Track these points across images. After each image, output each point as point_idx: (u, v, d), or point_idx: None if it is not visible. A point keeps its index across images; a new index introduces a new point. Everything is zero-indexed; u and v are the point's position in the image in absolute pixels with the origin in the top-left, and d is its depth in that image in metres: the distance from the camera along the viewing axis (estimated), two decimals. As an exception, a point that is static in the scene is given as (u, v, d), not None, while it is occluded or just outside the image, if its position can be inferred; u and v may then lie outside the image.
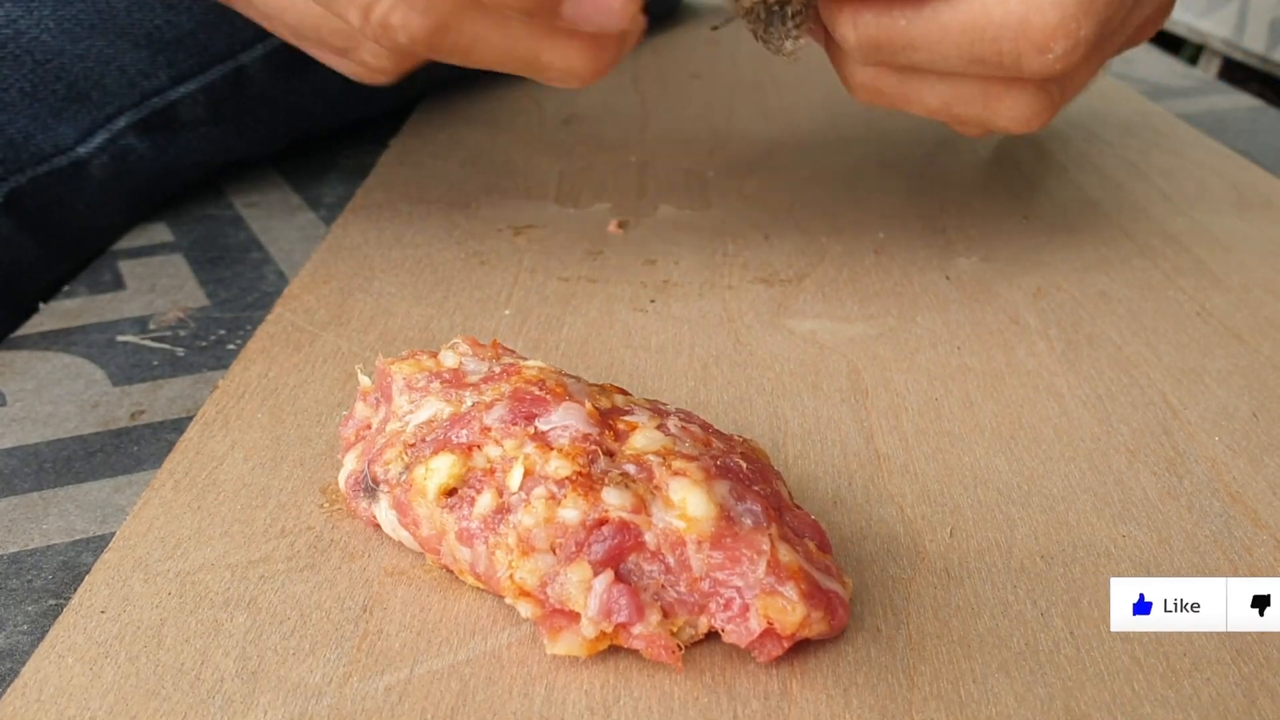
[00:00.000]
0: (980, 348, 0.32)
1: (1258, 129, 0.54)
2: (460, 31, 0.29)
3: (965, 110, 0.31)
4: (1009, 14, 0.27)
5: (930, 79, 0.31)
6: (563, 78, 0.31)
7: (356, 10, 0.28)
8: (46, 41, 0.38)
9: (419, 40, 0.29)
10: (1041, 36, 0.27)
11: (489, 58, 0.30)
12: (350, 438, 0.25)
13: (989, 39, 0.28)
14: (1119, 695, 0.20)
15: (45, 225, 0.40)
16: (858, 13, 0.29)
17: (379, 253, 0.37)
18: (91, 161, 0.40)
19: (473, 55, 0.30)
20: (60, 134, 0.39)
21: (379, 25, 0.28)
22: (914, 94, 0.31)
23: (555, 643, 0.20)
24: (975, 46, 0.28)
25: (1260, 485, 0.26)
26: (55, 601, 0.23)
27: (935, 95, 0.31)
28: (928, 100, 0.31)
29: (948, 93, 0.31)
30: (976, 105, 0.31)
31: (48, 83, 0.38)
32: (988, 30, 0.28)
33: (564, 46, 0.30)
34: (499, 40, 0.29)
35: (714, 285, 0.36)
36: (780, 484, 0.23)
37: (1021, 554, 0.24)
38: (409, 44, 0.29)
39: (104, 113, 0.40)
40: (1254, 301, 0.35)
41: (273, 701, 0.20)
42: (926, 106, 0.32)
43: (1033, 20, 0.27)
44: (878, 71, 0.31)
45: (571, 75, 0.31)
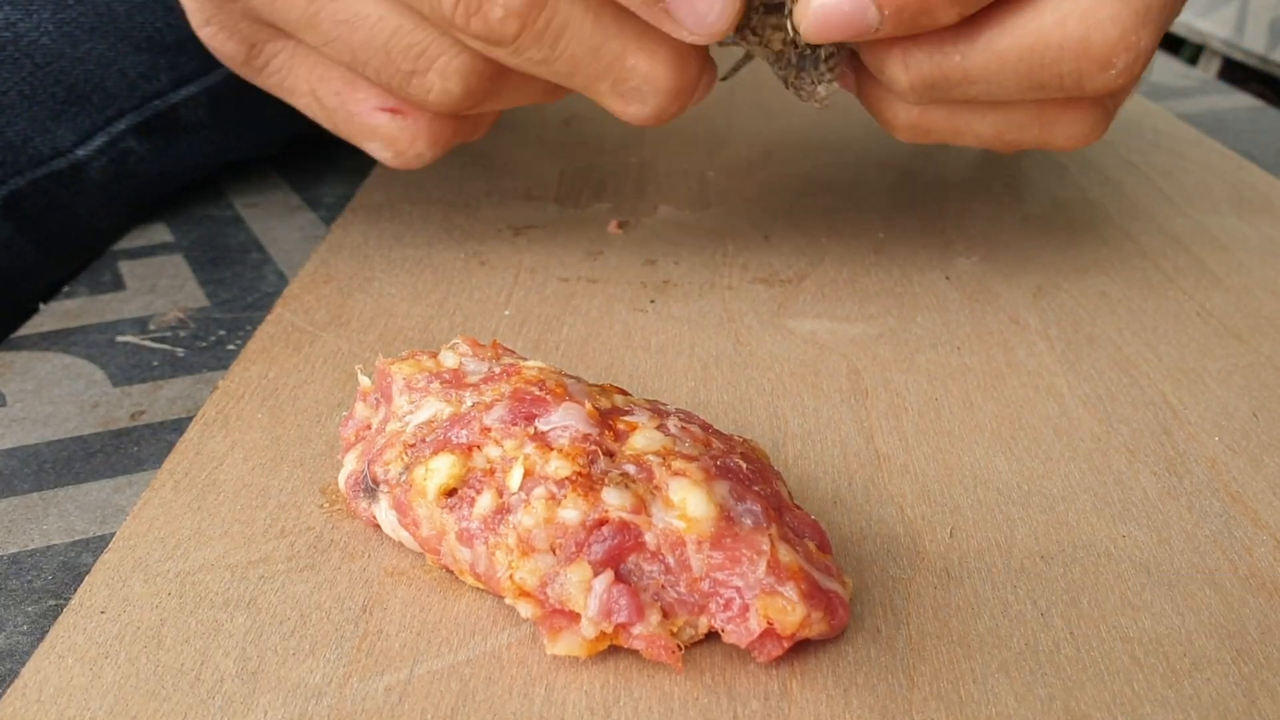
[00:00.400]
0: (980, 348, 0.32)
1: (1257, 129, 0.54)
2: (555, 10, 0.28)
3: (1019, 136, 0.31)
4: (1068, 35, 0.27)
5: (981, 109, 0.30)
6: (640, 92, 0.30)
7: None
8: (46, 44, 0.38)
9: (514, 13, 0.28)
10: (1103, 53, 0.27)
11: (575, 51, 0.29)
12: (350, 438, 0.25)
13: (1049, 63, 0.27)
14: (1119, 695, 0.20)
15: (44, 228, 0.40)
16: (908, 53, 0.28)
17: (379, 253, 0.37)
18: (91, 164, 0.40)
19: (559, 47, 0.29)
20: (59, 137, 0.39)
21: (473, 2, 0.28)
22: (965, 126, 0.31)
23: (555, 643, 0.20)
24: (1034, 72, 0.28)
25: (1260, 485, 0.26)
26: (55, 602, 0.23)
27: (987, 125, 0.31)
28: (980, 131, 0.31)
29: (1000, 121, 0.30)
30: (1032, 129, 0.30)
31: (47, 85, 0.38)
32: (1047, 54, 0.27)
33: (653, 50, 0.29)
34: (590, 30, 0.29)
35: (714, 285, 0.36)
36: (780, 484, 0.23)
37: (1021, 554, 0.24)
38: (502, 20, 0.28)
39: (104, 115, 0.40)
40: (1254, 301, 0.35)
41: (273, 702, 0.20)
42: (979, 137, 0.31)
43: (1093, 38, 0.27)
44: (924, 110, 0.31)
45: (651, 91, 0.30)
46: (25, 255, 0.39)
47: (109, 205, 0.41)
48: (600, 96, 0.31)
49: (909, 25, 0.27)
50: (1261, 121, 0.55)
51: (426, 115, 0.33)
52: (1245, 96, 0.60)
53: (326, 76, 0.33)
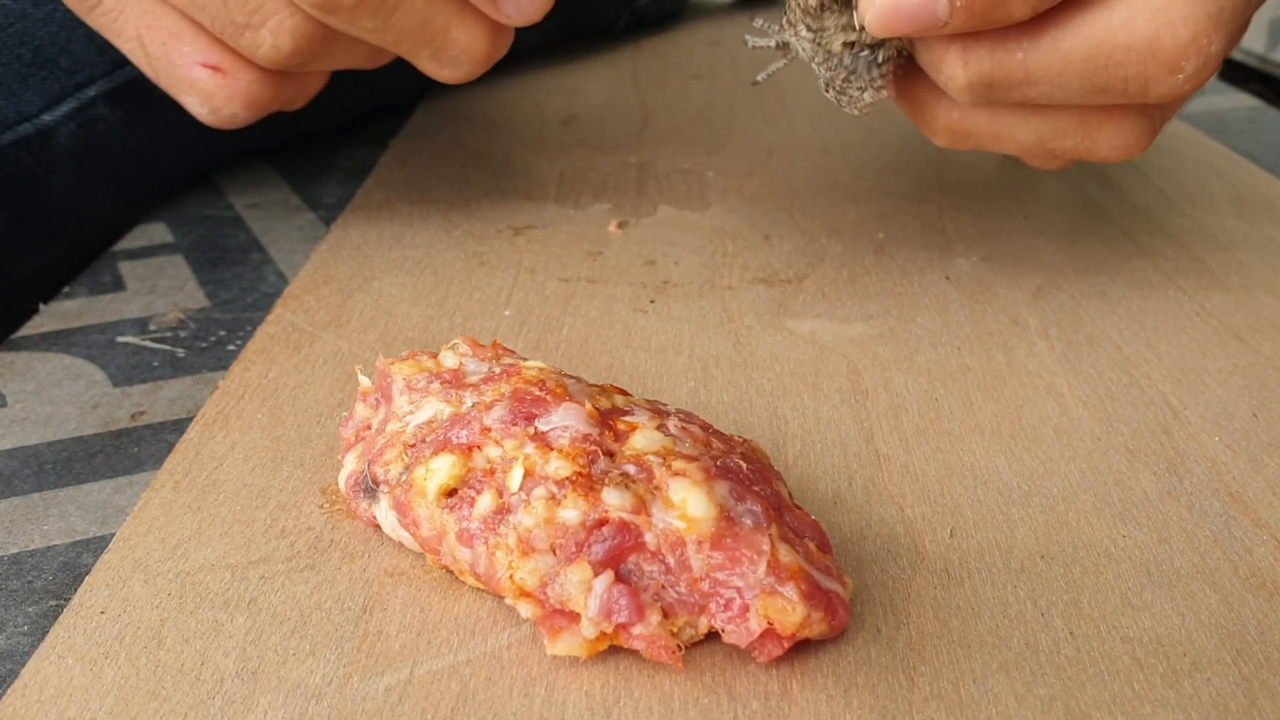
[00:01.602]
0: (980, 348, 0.32)
1: (1257, 129, 0.54)
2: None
3: (1061, 144, 0.30)
4: (1136, 35, 0.26)
5: (1024, 114, 0.29)
6: (456, 60, 0.32)
7: None
8: (8, 5, 0.37)
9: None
10: (1172, 56, 0.26)
11: (405, 24, 0.31)
12: (350, 438, 0.25)
13: (1114, 64, 0.26)
14: (1119, 695, 0.20)
15: (18, 199, 0.39)
16: (969, 49, 0.27)
17: (379, 253, 0.37)
18: (59, 130, 0.39)
19: (391, 20, 0.30)
20: (24, 101, 0.38)
21: None
22: (1006, 131, 0.30)
23: (555, 643, 0.20)
24: (1099, 74, 0.27)
25: (1260, 485, 0.26)
26: (55, 602, 0.23)
27: (1030, 131, 0.30)
28: (1021, 137, 0.30)
29: (1044, 127, 0.30)
30: (1075, 137, 0.30)
31: (11, 48, 0.37)
32: (1113, 55, 0.26)
33: (473, 24, 0.31)
34: (421, 5, 0.30)
35: (714, 286, 0.36)
36: (780, 484, 0.23)
37: (1022, 554, 0.24)
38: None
39: (73, 80, 0.39)
40: (1254, 301, 0.35)
41: (273, 702, 0.20)
42: (1019, 144, 0.30)
43: (1163, 40, 0.26)
44: (965, 113, 0.30)
45: (467, 58, 0.32)
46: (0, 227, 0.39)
47: (83, 178, 0.40)
48: (419, 61, 0.32)
49: (980, 19, 0.26)
50: (1261, 121, 0.55)
51: (245, 78, 0.33)
52: (1245, 96, 0.60)
53: (155, 25, 0.33)
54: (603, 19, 0.64)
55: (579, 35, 0.64)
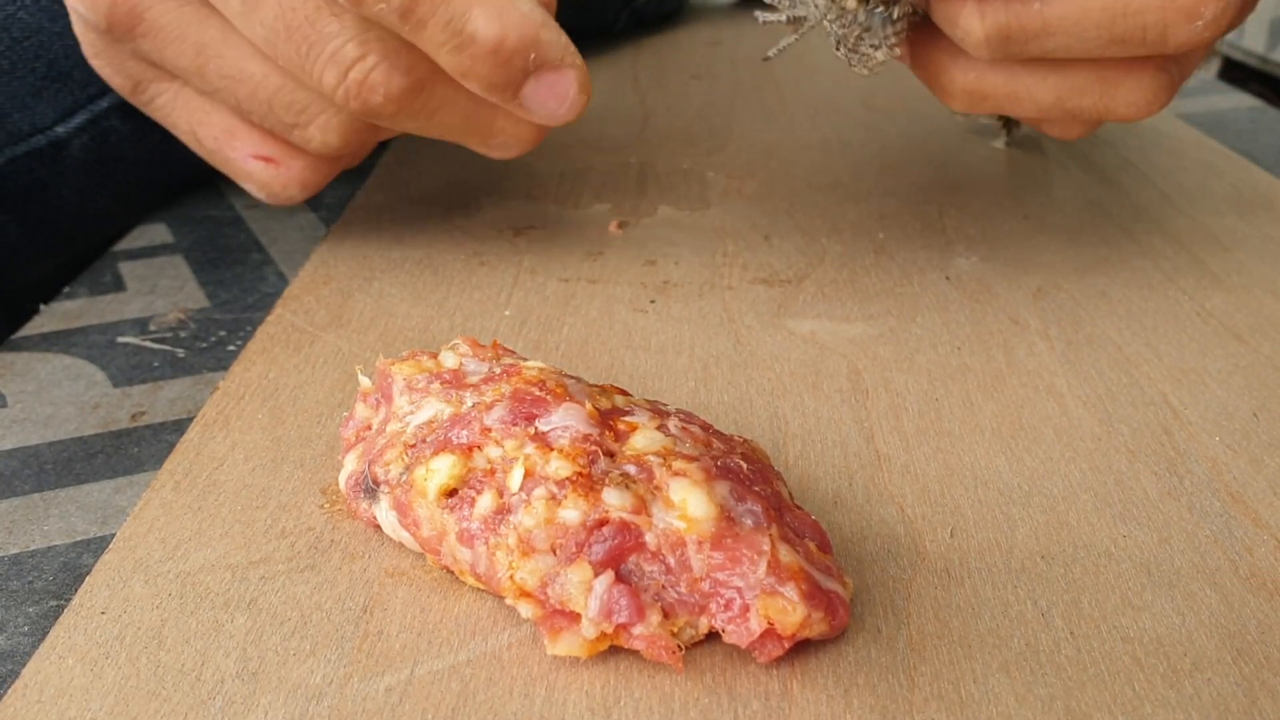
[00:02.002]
0: (980, 348, 0.32)
1: (1258, 129, 0.54)
2: (431, 95, 0.30)
3: (1080, 102, 0.29)
4: None
5: (1042, 71, 0.29)
6: (504, 145, 0.33)
7: (336, 69, 0.29)
8: (24, 19, 0.38)
9: (393, 99, 0.30)
10: (1191, 2, 0.26)
11: (448, 121, 0.31)
12: (350, 438, 0.25)
13: (1133, 12, 0.26)
14: (1120, 695, 0.20)
15: (29, 209, 0.39)
16: (984, 3, 0.27)
17: (379, 253, 0.37)
18: (71, 142, 0.39)
19: (434, 120, 0.31)
20: (39, 113, 0.38)
21: (356, 84, 0.29)
22: (1024, 91, 0.30)
23: (556, 643, 0.20)
24: (1117, 23, 0.26)
25: (1261, 485, 0.26)
26: (56, 603, 0.23)
27: (1048, 89, 0.29)
28: (1039, 97, 0.30)
29: (1062, 84, 0.29)
30: (1093, 94, 0.29)
31: (26, 61, 0.38)
32: (1132, 3, 0.26)
33: (518, 118, 0.32)
34: (463, 106, 0.31)
35: (714, 286, 0.36)
36: (780, 484, 0.23)
37: (1022, 554, 0.24)
38: (382, 104, 0.30)
39: (86, 93, 0.39)
40: (1254, 301, 0.35)
41: (273, 702, 0.20)
42: (1038, 104, 0.30)
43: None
44: (982, 74, 0.30)
45: (515, 143, 0.33)
46: (10, 237, 0.39)
47: (95, 189, 0.41)
48: (468, 145, 0.33)
49: None
50: (1261, 121, 0.55)
51: (298, 164, 0.34)
52: (1245, 96, 0.60)
53: (206, 121, 0.34)
54: (602, 19, 0.64)
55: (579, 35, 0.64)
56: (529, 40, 0.29)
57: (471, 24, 0.28)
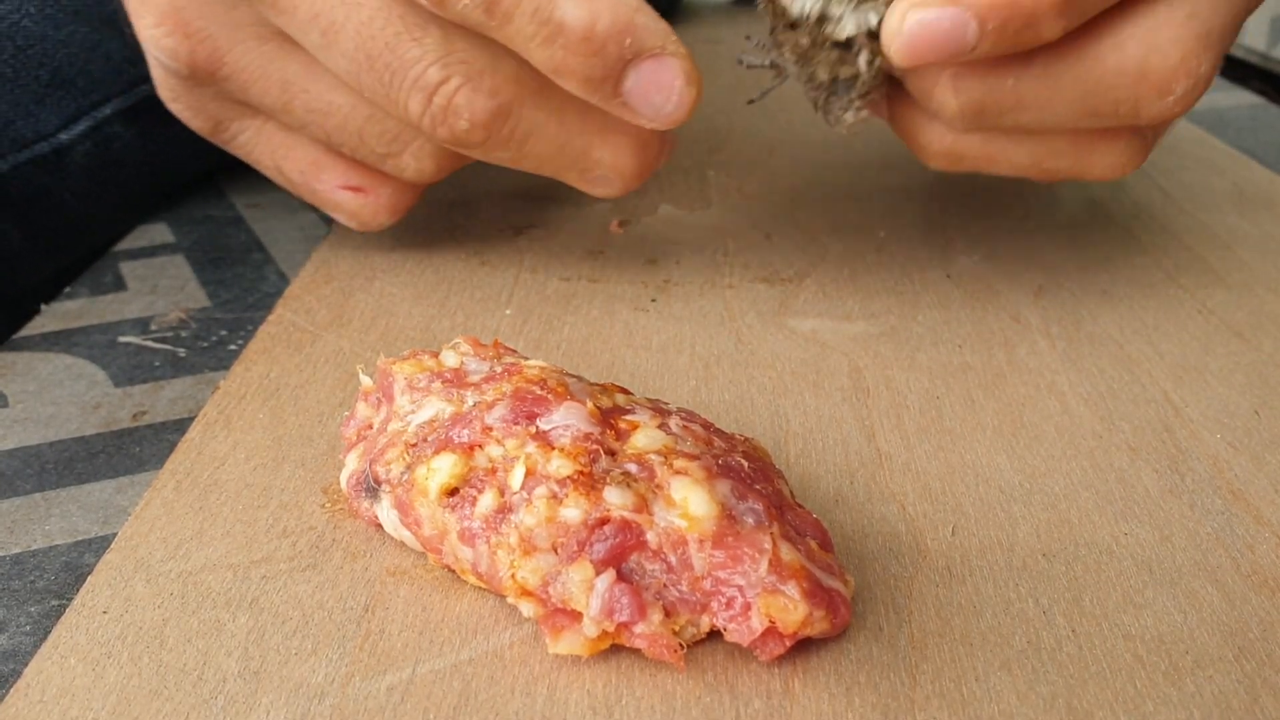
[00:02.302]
0: (982, 346, 0.32)
1: (1258, 126, 0.54)
2: (519, 119, 0.29)
3: (1055, 165, 0.30)
4: (1126, 59, 0.26)
5: (1018, 137, 0.29)
6: (606, 178, 0.31)
7: (421, 95, 0.28)
8: (28, 27, 0.38)
9: (479, 124, 0.29)
10: (1162, 79, 0.26)
11: (540, 150, 0.30)
12: (352, 438, 0.25)
13: (1105, 89, 0.26)
14: (1121, 693, 0.20)
15: (31, 215, 0.39)
16: (959, 77, 0.27)
17: (380, 253, 0.37)
18: (74, 148, 0.39)
19: (525, 148, 0.30)
20: (42, 121, 0.38)
21: (441, 110, 0.28)
22: (1000, 154, 0.30)
23: (557, 642, 0.20)
24: (1090, 99, 0.27)
25: (1262, 483, 0.26)
26: (57, 602, 0.23)
27: (1024, 154, 0.30)
28: (1016, 160, 0.30)
29: (1038, 149, 0.30)
30: (1068, 158, 0.30)
31: (30, 69, 0.38)
32: (1104, 80, 0.26)
33: (615, 142, 0.30)
34: (555, 132, 0.30)
35: (715, 284, 0.36)
36: (782, 483, 0.23)
37: (1023, 552, 0.24)
38: (468, 130, 0.29)
39: (89, 100, 0.39)
40: (1255, 299, 0.35)
41: (275, 701, 0.20)
42: (1014, 166, 0.30)
43: (1152, 63, 0.26)
44: (959, 136, 0.30)
45: (616, 176, 0.31)
46: (11, 241, 0.39)
47: (97, 193, 0.41)
48: (569, 182, 0.32)
49: (1011, 41, 0.26)
50: (1262, 119, 0.55)
51: (388, 191, 0.34)
52: (1246, 94, 0.60)
53: (291, 156, 0.33)
54: None
55: None
56: (623, 24, 0.27)
57: (560, 10, 0.26)
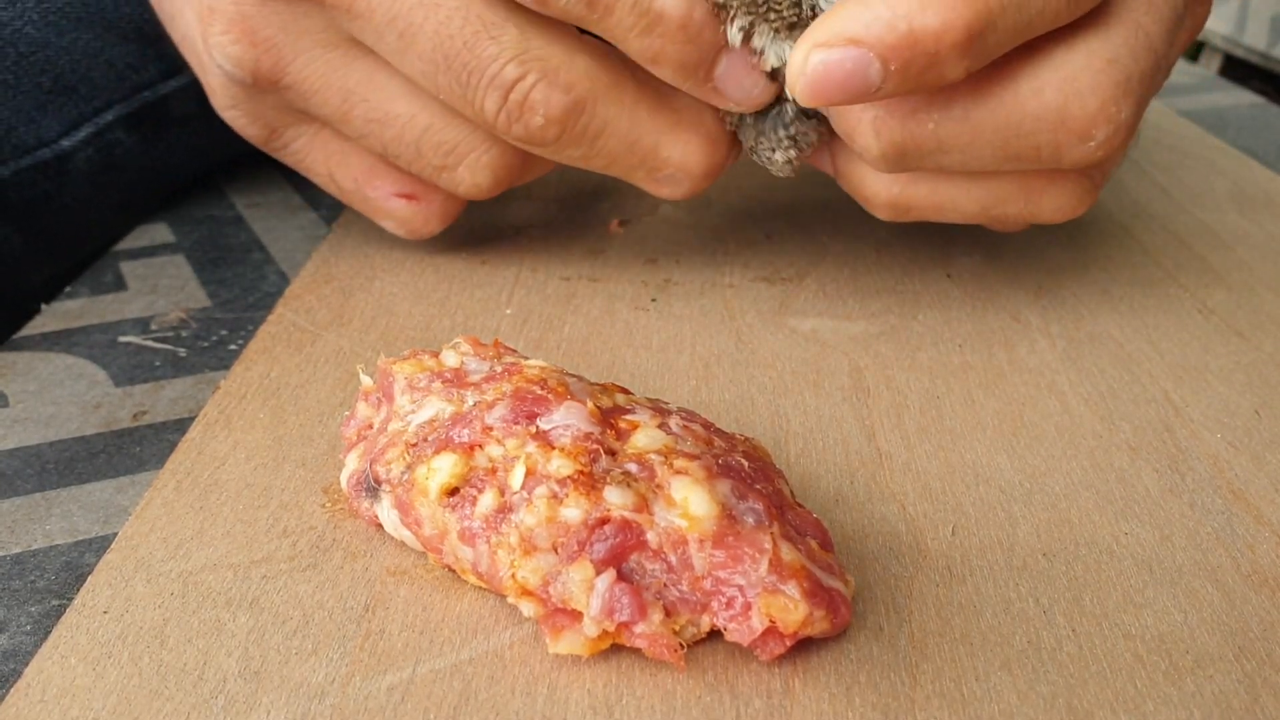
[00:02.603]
0: (982, 345, 0.32)
1: (1259, 126, 0.54)
2: (593, 114, 0.29)
3: (1005, 210, 0.30)
4: (1045, 105, 0.26)
5: (962, 183, 0.30)
6: (674, 179, 0.31)
7: (498, 92, 0.29)
8: (30, 34, 0.38)
9: (554, 120, 0.29)
10: (1081, 125, 0.26)
11: (612, 147, 0.30)
12: (352, 437, 0.25)
13: (1025, 133, 0.27)
14: (1122, 693, 0.20)
15: (32, 220, 0.39)
16: (879, 119, 0.28)
17: (380, 253, 0.37)
18: (76, 155, 0.39)
19: (597, 144, 0.30)
20: (44, 127, 0.39)
21: (517, 106, 0.29)
22: (948, 203, 0.30)
23: (557, 642, 0.20)
24: (1011, 143, 0.27)
25: (1263, 482, 0.26)
26: (58, 602, 0.23)
27: (972, 200, 0.30)
28: (964, 207, 0.30)
29: (985, 195, 0.30)
30: (1017, 203, 0.30)
31: (32, 75, 0.38)
32: (1023, 124, 0.27)
33: (686, 140, 0.31)
34: (627, 128, 0.30)
35: (715, 284, 0.36)
36: (782, 482, 0.23)
37: (1024, 551, 0.24)
38: (543, 126, 0.29)
39: (91, 106, 0.39)
40: (1255, 298, 0.35)
41: (275, 701, 0.20)
42: (963, 213, 0.30)
43: (1071, 109, 0.26)
44: (905, 187, 0.30)
45: (685, 176, 0.31)
46: (13, 247, 0.39)
47: (98, 198, 0.41)
48: (638, 182, 0.32)
49: (914, 81, 0.26)
50: (1263, 118, 0.55)
51: (440, 197, 0.34)
52: (1246, 93, 0.60)
53: (345, 163, 0.34)
54: None
55: None
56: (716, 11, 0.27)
57: (659, 1, 0.27)
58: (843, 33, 0.25)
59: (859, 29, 0.25)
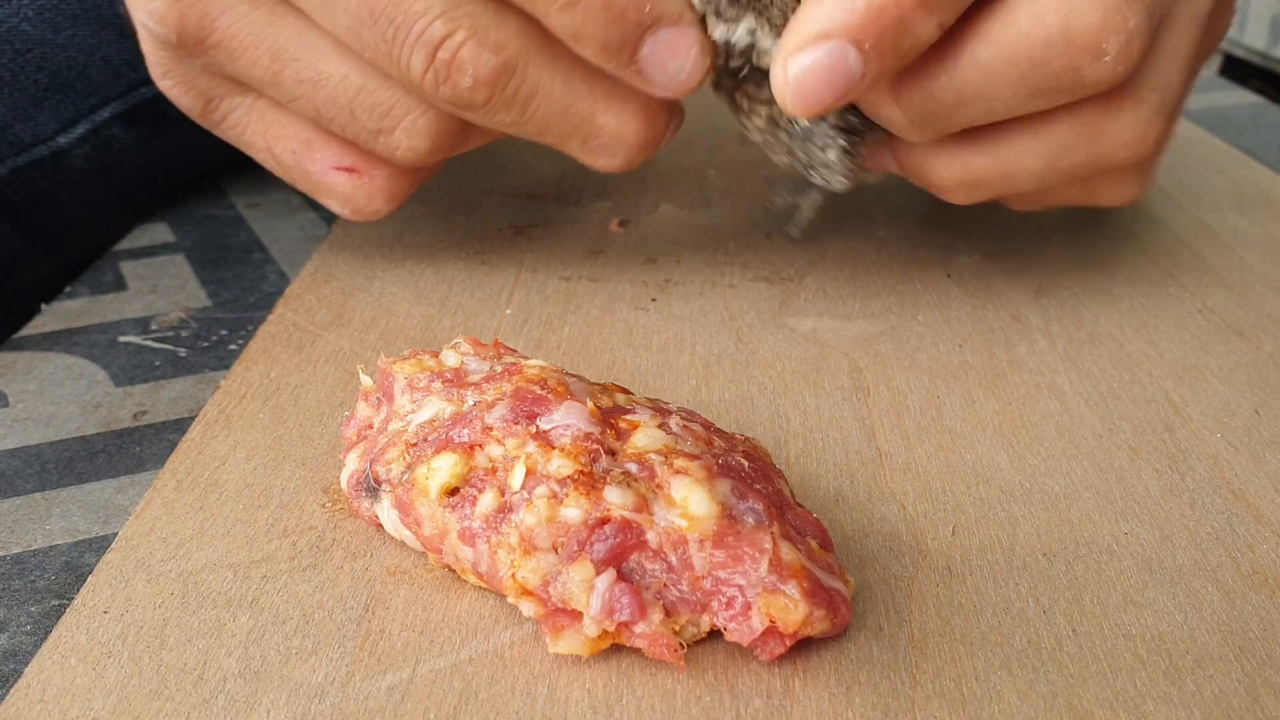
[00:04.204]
0: (982, 345, 0.32)
1: (1259, 126, 0.54)
2: (523, 77, 0.29)
3: (1072, 159, 0.29)
4: (1048, 28, 0.26)
5: (1017, 140, 0.29)
6: (610, 148, 0.30)
7: (424, 50, 0.28)
8: (26, 31, 0.38)
9: (483, 81, 0.28)
10: (1090, 40, 0.26)
11: (544, 113, 0.29)
12: (352, 437, 0.25)
13: (1038, 62, 0.26)
14: (1122, 692, 0.20)
15: (29, 218, 0.39)
16: (897, 90, 0.28)
17: (380, 252, 0.37)
18: (73, 152, 0.39)
19: (529, 110, 0.29)
20: (41, 124, 0.39)
21: (445, 65, 0.28)
22: (1013, 166, 0.29)
23: (557, 642, 0.20)
24: (1027, 76, 0.27)
25: (1262, 482, 0.26)
26: (58, 602, 0.23)
27: (1035, 156, 0.29)
28: (1030, 165, 0.29)
29: (1045, 147, 0.29)
30: (1081, 148, 0.29)
31: (28, 72, 0.38)
32: (1033, 54, 0.26)
33: (621, 108, 0.30)
34: (559, 93, 0.29)
35: (715, 284, 0.36)
36: (782, 482, 0.23)
37: (1024, 551, 0.24)
38: (472, 88, 0.28)
39: (88, 103, 0.39)
40: (1255, 298, 0.35)
41: (275, 701, 0.20)
42: (1032, 173, 0.30)
43: (1074, 26, 0.26)
44: (967, 162, 0.30)
45: (620, 145, 0.30)
46: (10, 244, 0.39)
47: (95, 196, 0.41)
48: (571, 152, 0.31)
49: (893, 53, 0.26)
50: (1263, 118, 0.55)
51: (383, 173, 0.33)
52: (1246, 93, 0.60)
53: (283, 135, 0.33)
54: None
55: None
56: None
57: None
58: (809, 32, 0.25)
59: (822, 23, 0.25)
